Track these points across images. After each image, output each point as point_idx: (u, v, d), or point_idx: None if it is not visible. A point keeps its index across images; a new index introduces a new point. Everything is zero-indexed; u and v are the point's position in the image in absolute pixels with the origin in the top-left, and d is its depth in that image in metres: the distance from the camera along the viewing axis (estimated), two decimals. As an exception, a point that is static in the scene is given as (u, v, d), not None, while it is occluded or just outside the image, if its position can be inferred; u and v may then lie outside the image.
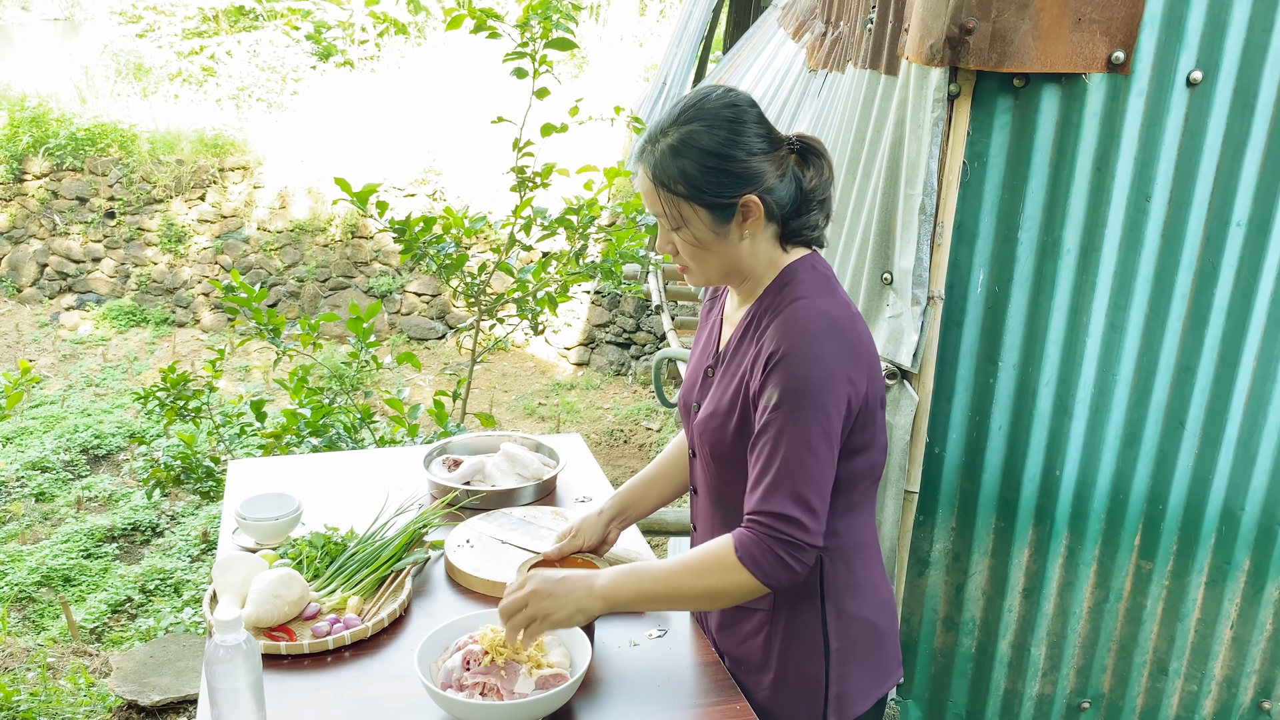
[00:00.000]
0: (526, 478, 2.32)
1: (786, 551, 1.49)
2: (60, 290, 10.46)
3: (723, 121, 1.54)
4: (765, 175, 1.56)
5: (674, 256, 1.65)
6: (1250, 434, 2.28)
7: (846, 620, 1.67)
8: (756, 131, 1.56)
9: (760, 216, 1.57)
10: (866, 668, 1.70)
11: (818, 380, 1.50)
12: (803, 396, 1.49)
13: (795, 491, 1.49)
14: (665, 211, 1.58)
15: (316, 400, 3.78)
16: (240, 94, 12.00)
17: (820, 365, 1.50)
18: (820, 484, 1.51)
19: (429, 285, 9.87)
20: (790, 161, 1.60)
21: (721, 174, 1.53)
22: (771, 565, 1.50)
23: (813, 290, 1.59)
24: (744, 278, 1.65)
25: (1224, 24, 2.00)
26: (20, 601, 5.71)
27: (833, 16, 3.33)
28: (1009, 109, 2.06)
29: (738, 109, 1.57)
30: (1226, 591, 2.40)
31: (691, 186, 1.54)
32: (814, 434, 1.49)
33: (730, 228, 1.57)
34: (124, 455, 7.64)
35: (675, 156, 1.54)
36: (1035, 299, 2.18)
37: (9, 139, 10.36)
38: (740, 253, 1.60)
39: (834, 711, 1.67)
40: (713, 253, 1.60)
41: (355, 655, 1.74)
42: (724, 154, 1.53)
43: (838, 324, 1.55)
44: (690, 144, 1.54)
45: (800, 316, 1.54)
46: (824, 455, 1.51)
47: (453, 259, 3.85)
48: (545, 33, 3.64)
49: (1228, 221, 2.13)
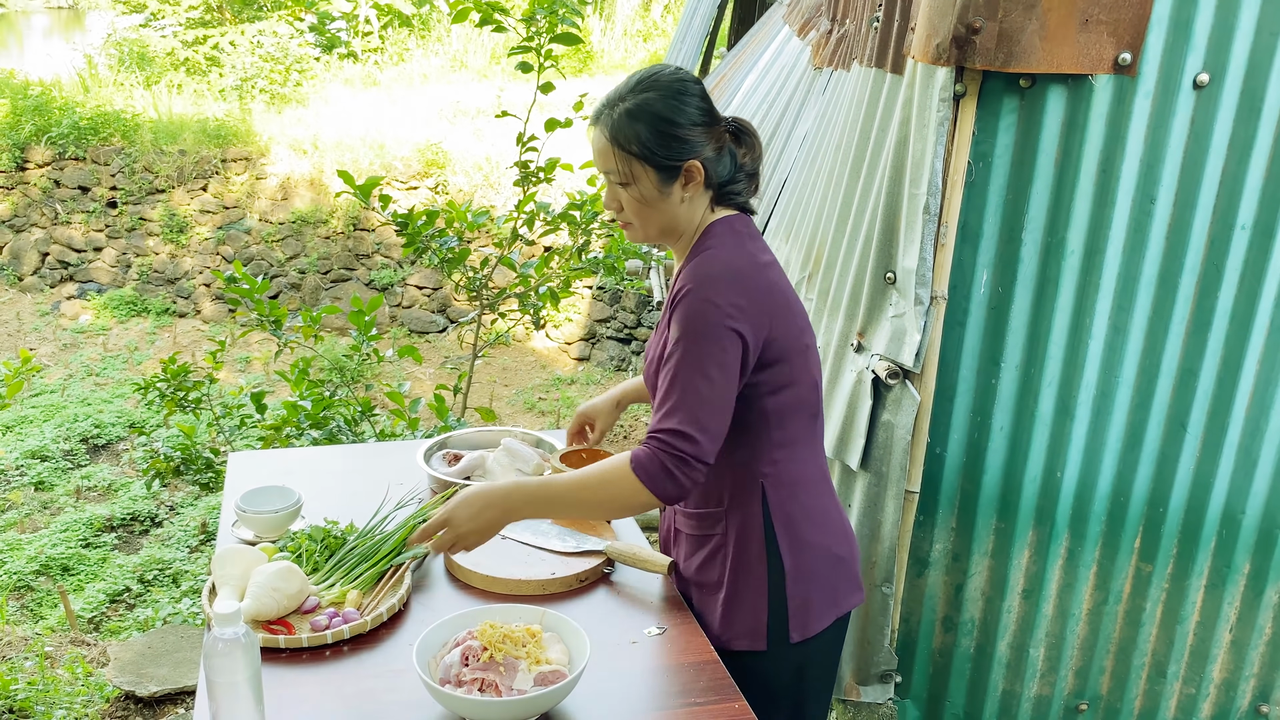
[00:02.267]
0: (527, 473, 2.31)
1: (675, 465, 1.65)
2: (61, 279, 10.45)
3: (674, 93, 1.73)
4: (706, 145, 1.75)
5: (618, 213, 1.82)
6: (1252, 438, 2.28)
7: (800, 546, 1.81)
8: (700, 106, 1.75)
9: (700, 181, 1.75)
10: (823, 589, 1.84)
11: (710, 316, 1.67)
12: (697, 329, 1.67)
13: (688, 412, 1.66)
14: (618, 169, 1.75)
15: (317, 393, 3.78)
16: (244, 85, 11.99)
17: (712, 304, 1.67)
18: (712, 407, 1.67)
19: (431, 278, 9.87)
20: (726, 138, 1.79)
21: (670, 138, 1.71)
22: (660, 476, 1.66)
23: (722, 243, 1.77)
24: (678, 236, 1.82)
25: (1232, 27, 2.00)
26: (19, 590, 5.71)
27: (839, 14, 3.32)
28: (1014, 109, 2.06)
29: (685, 84, 1.75)
30: (1226, 595, 2.40)
31: (644, 147, 1.72)
32: (707, 363, 1.66)
33: (673, 189, 1.75)
34: (124, 445, 7.64)
35: (631, 120, 1.72)
36: (1038, 300, 2.17)
37: (11, 127, 10.34)
38: (679, 213, 1.78)
39: (795, 628, 1.82)
40: (655, 210, 1.77)
41: (354, 649, 1.74)
42: (673, 120, 1.72)
43: (736, 271, 1.72)
44: (645, 109, 1.72)
45: (704, 262, 1.72)
46: (718, 381, 1.67)
47: (455, 253, 3.84)
48: (550, 27, 3.64)
49: (1232, 225, 2.12)
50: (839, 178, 2.55)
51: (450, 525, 1.74)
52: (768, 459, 1.78)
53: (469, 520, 1.73)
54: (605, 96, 1.79)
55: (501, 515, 1.74)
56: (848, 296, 2.41)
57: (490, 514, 1.74)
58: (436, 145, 10.12)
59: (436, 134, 10.40)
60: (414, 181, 10.05)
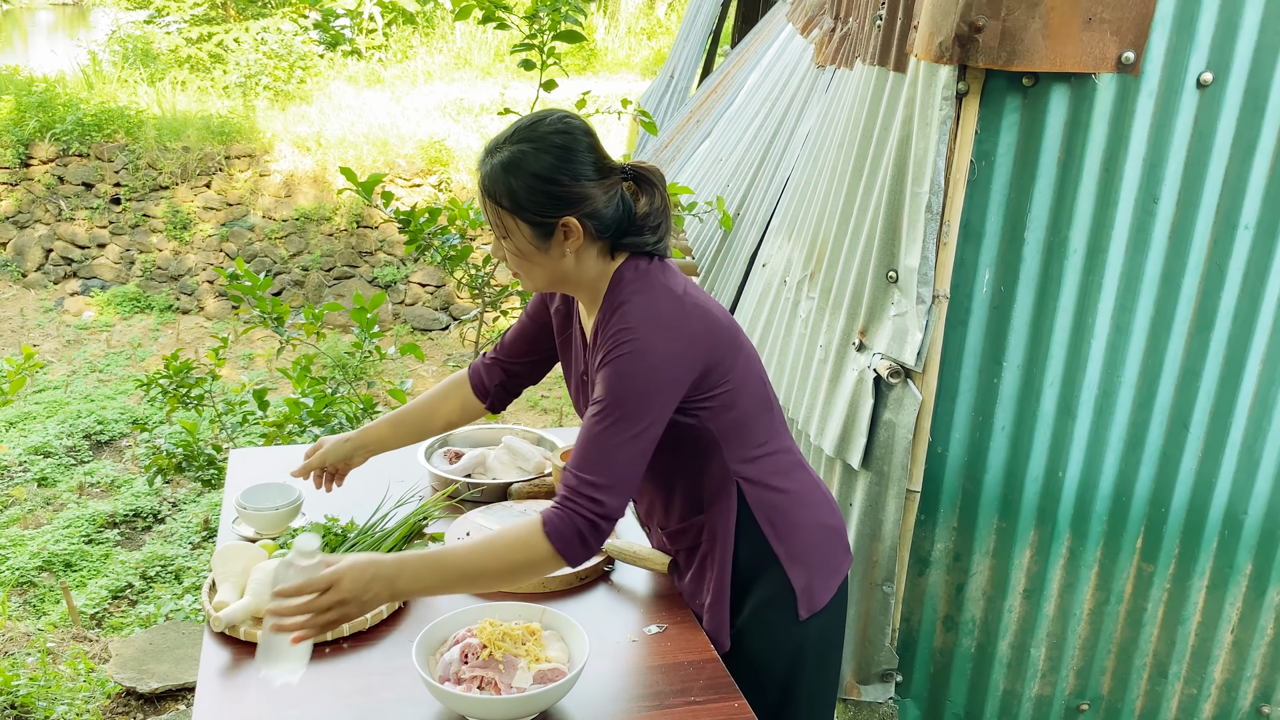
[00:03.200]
0: (528, 471, 2.31)
1: (588, 529, 1.60)
2: (65, 276, 10.47)
3: (551, 147, 1.63)
4: (590, 200, 1.65)
5: (503, 262, 1.75)
6: (1254, 438, 2.27)
7: (789, 529, 1.81)
8: (586, 159, 1.65)
9: (579, 237, 1.66)
10: (821, 560, 1.84)
11: (638, 382, 1.61)
12: (621, 393, 1.61)
13: (605, 474, 1.61)
14: (491, 220, 1.68)
15: (319, 390, 3.78)
16: (248, 81, 11.99)
17: (643, 364, 1.61)
18: (630, 471, 1.62)
19: (433, 276, 9.87)
20: (620, 188, 1.70)
21: (544, 195, 1.62)
22: (573, 541, 1.60)
23: (631, 292, 1.69)
24: (575, 288, 1.76)
25: (1235, 25, 1.99)
26: (21, 586, 5.72)
27: (842, 12, 3.31)
28: (1017, 108, 2.05)
29: (569, 136, 1.65)
30: (1228, 595, 2.39)
31: (514, 202, 1.63)
32: (630, 429, 1.61)
33: (551, 244, 1.67)
34: (126, 441, 7.65)
35: (505, 173, 1.63)
36: (1041, 299, 2.17)
37: (16, 123, 10.36)
38: (564, 267, 1.70)
39: (803, 606, 1.81)
40: (536, 265, 1.70)
41: (353, 647, 1.74)
42: (549, 178, 1.62)
43: (661, 319, 1.65)
44: (518, 164, 1.63)
45: (617, 322, 1.65)
46: (639, 448, 1.62)
47: (457, 250, 3.84)
48: (553, 25, 3.63)
49: (1236, 224, 2.12)
50: (841, 176, 2.54)
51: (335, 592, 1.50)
52: (737, 459, 1.77)
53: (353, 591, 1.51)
54: (490, 140, 1.70)
55: (386, 590, 1.54)
56: (849, 295, 2.40)
57: (376, 587, 1.53)
58: (440, 142, 10.13)
59: (440, 131, 10.41)
60: (417, 179, 10.05)
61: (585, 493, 1.60)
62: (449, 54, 14.27)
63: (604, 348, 1.66)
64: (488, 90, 12.54)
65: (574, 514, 1.60)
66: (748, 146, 4.29)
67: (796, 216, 3.00)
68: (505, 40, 13.52)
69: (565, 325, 1.95)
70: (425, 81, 13.37)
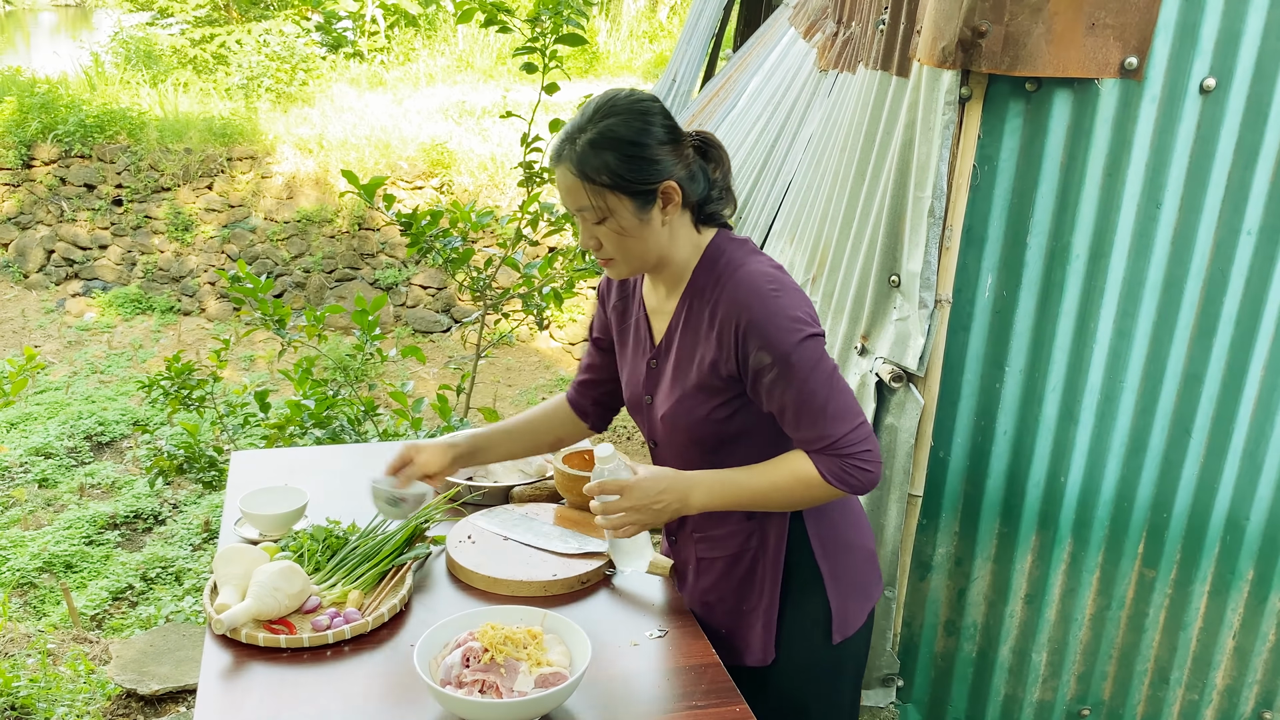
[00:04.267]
0: (529, 474, 2.31)
1: (860, 460, 1.66)
2: (67, 277, 10.47)
3: (635, 114, 1.66)
4: (676, 164, 1.68)
5: (597, 251, 1.74)
6: (1257, 444, 2.27)
7: (837, 547, 1.81)
8: (663, 124, 1.68)
9: (678, 202, 1.69)
10: (858, 586, 1.85)
11: (787, 328, 1.63)
12: (784, 345, 1.63)
13: (835, 414, 1.65)
14: (590, 204, 1.67)
15: (320, 392, 3.78)
16: (250, 83, 12.00)
17: (781, 315, 1.64)
18: (844, 397, 1.67)
19: (435, 278, 9.87)
20: (692, 155, 1.72)
21: (641, 161, 1.64)
22: (856, 476, 1.67)
23: (744, 258, 1.72)
24: (667, 264, 1.76)
25: (1238, 31, 1.99)
26: (22, 587, 5.72)
27: (844, 17, 3.32)
28: (1020, 113, 2.05)
29: (645, 104, 1.68)
30: (1229, 601, 2.39)
31: (615, 176, 1.64)
32: (811, 366, 1.64)
33: (652, 214, 1.68)
34: (127, 443, 7.65)
35: (596, 149, 1.64)
36: (1043, 304, 2.17)
37: (18, 124, 10.36)
38: (662, 238, 1.71)
39: (837, 630, 1.81)
40: (637, 239, 1.69)
41: (355, 650, 1.74)
42: (640, 143, 1.65)
43: (775, 278, 1.68)
44: (609, 136, 1.64)
45: (745, 282, 1.67)
46: (831, 372, 1.66)
47: (459, 253, 3.85)
48: (555, 28, 3.64)
49: (1238, 230, 2.12)
50: (844, 180, 2.54)
51: (626, 498, 1.70)
52: None
53: (642, 500, 1.70)
54: (563, 131, 1.71)
55: (678, 501, 1.71)
56: (852, 299, 2.40)
57: (667, 498, 1.70)
58: (442, 145, 10.12)
59: (442, 134, 10.41)
60: (419, 181, 10.05)
61: (829, 435, 1.64)
62: (451, 57, 14.27)
63: (734, 314, 1.66)
64: (490, 93, 12.55)
65: (840, 457, 1.65)
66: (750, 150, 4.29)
67: (799, 221, 3.00)
68: (507, 43, 13.53)
69: (624, 317, 1.93)
70: (427, 84, 13.38)
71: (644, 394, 1.86)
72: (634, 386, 1.89)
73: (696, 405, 1.74)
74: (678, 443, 1.82)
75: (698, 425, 1.76)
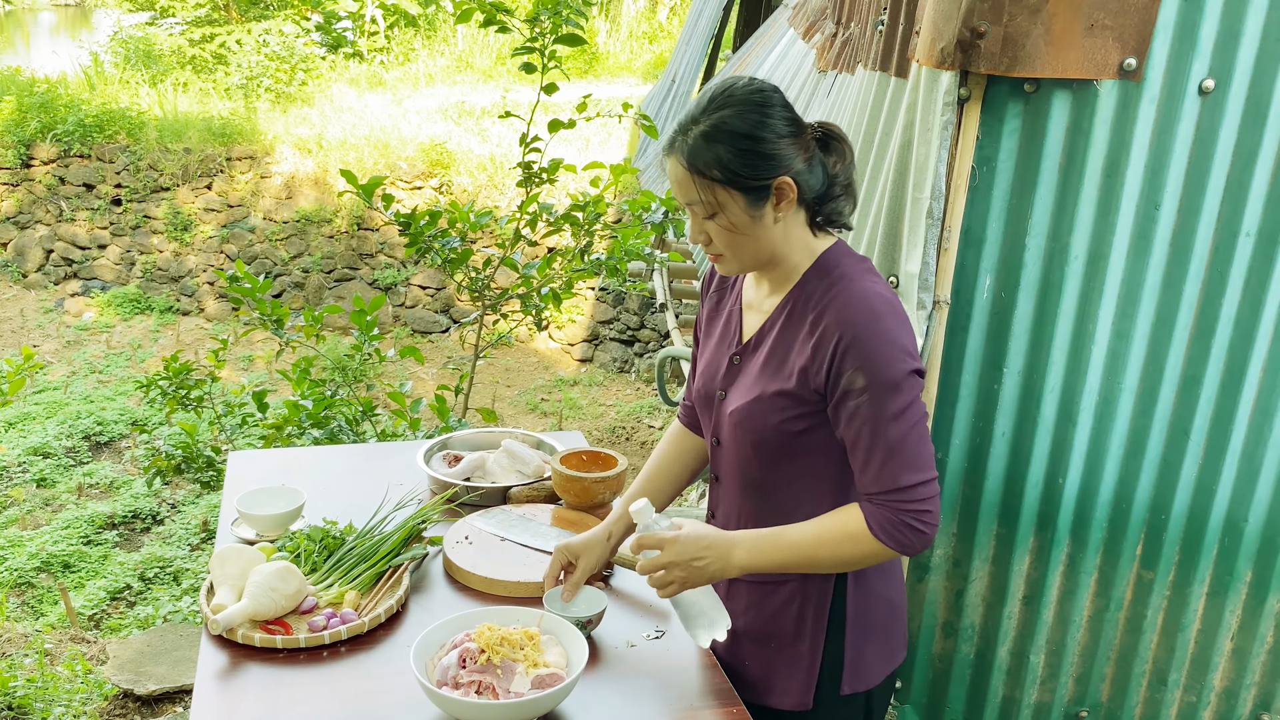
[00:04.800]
0: (527, 475, 2.31)
1: (915, 519, 1.57)
2: (66, 276, 10.47)
3: (752, 106, 1.58)
4: (795, 158, 1.59)
5: (706, 246, 1.67)
6: (1255, 446, 2.27)
7: (865, 595, 1.74)
8: (783, 115, 1.59)
9: (793, 199, 1.60)
10: (880, 642, 1.77)
11: (892, 356, 1.56)
12: (886, 379, 1.55)
13: (908, 462, 1.56)
14: (700, 198, 1.60)
15: (319, 392, 3.77)
16: (249, 83, 12.00)
17: (889, 342, 1.56)
18: (924, 447, 1.58)
19: (434, 278, 9.87)
20: (814, 148, 1.63)
21: (755, 156, 1.56)
22: (904, 534, 1.57)
23: (861, 275, 1.64)
24: (777, 264, 1.68)
25: (1237, 32, 1.99)
26: (20, 587, 5.72)
27: (843, 18, 3.31)
28: (1019, 114, 2.05)
29: (764, 94, 1.60)
30: (1228, 603, 2.39)
31: (726, 170, 1.56)
32: (907, 410, 1.56)
33: (765, 211, 1.60)
34: (126, 443, 7.65)
35: (709, 142, 1.57)
36: (1042, 305, 2.16)
37: (17, 124, 10.36)
38: (774, 237, 1.63)
39: (848, 681, 1.74)
40: (748, 237, 1.62)
41: (351, 651, 1.73)
42: (756, 136, 1.56)
43: (891, 303, 1.60)
44: (722, 129, 1.56)
45: (859, 298, 1.59)
46: (919, 418, 1.58)
47: (458, 253, 3.84)
48: (555, 28, 3.63)
49: (1237, 231, 2.11)
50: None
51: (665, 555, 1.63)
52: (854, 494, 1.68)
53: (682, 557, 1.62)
54: (678, 121, 1.62)
55: (720, 561, 1.62)
56: (850, 300, 2.40)
57: (709, 555, 1.62)
58: (441, 145, 10.13)
59: (441, 134, 10.42)
60: (419, 181, 10.05)
61: (896, 485, 1.56)
62: (450, 57, 14.28)
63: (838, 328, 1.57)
64: (489, 93, 12.56)
65: (898, 510, 1.57)
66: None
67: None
68: (507, 43, 13.53)
69: (718, 308, 1.86)
70: (427, 84, 13.39)
71: (719, 389, 1.78)
72: (709, 379, 1.82)
73: (771, 411, 1.66)
74: (741, 445, 1.73)
75: (768, 431, 1.67)
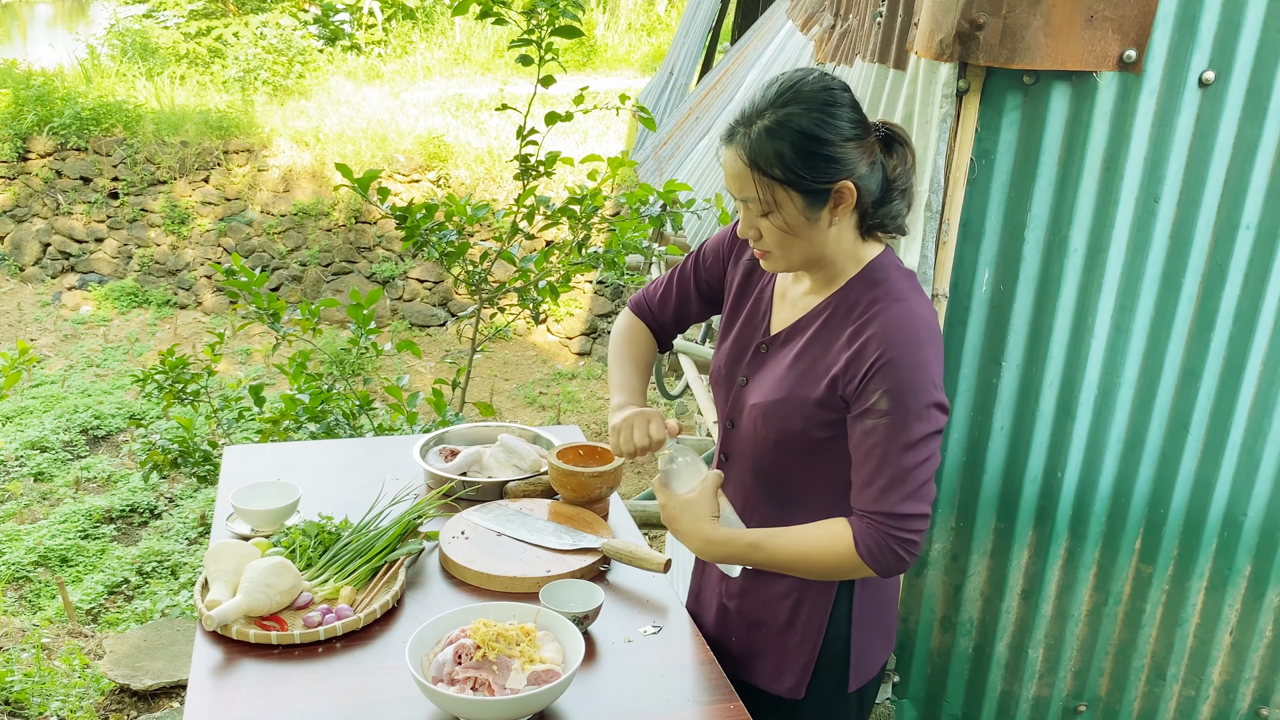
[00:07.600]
0: (524, 469, 2.30)
1: (902, 546, 1.56)
2: (62, 270, 10.45)
3: (819, 105, 1.52)
4: (859, 162, 1.55)
5: (755, 241, 1.63)
6: (1254, 439, 2.26)
7: (869, 593, 1.75)
8: (850, 117, 1.54)
9: (851, 203, 1.56)
10: (878, 633, 1.80)
11: (922, 386, 1.54)
12: (909, 406, 1.53)
13: (912, 492, 1.55)
14: (758, 196, 1.55)
15: (315, 386, 3.76)
16: (246, 76, 11.97)
17: (924, 372, 1.54)
18: (929, 483, 1.58)
19: (432, 272, 9.86)
20: (877, 150, 1.59)
21: (819, 158, 1.51)
22: (887, 559, 1.57)
23: (909, 293, 1.60)
24: (824, 266, 1.64)
25: (1238, 24, 1.98)
26: (17, 581, 5.71)
27: (842, 9, 3.30)
28: (1018, 106, 2.04)
29: (833, 93, 1.54)
30: (1227, 597, 2.39)
31: (789, 170, 1.51)
32: (921, 440, 1.55)
33: (822, 214, 1.56)
34: (123, 437, 7.64)
35: (772, 139, 1.51)
36: (1041, 299, 2.15)
37: (14, 117, 10.34)
38: (827, 239, 1.59)
39: (854, 676, 1.77)
40: (800, 239, 1.58)
41: (346, 646, 1.73)
42: (821, 137, 1.51)
43: (934, 330, 1.59)
44: (787, 126, 1.51)
45: (904, 320, 1.56)
46: (930, 455, 1.57)
47: (454, 246, 3.83)
48: (551, 20, 3.62)
49: (1237, 225, 2.10)
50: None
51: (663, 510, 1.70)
52: None
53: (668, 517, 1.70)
54: (740, 111, 1.57)
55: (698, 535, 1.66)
56: (848, 294, 2.39)
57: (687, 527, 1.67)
58: (439, 138, 10.11)
59: (439, 127, 10.40)
60: (416, 174, 10.04)
61: (888, 509, 1.55)
62: (448, 49, 14.25)
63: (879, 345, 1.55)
64: (487, 86, 12.53)
65: (885, 534, 1.56)
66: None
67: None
68: (504, 36, 13.50)
69: (746, 284, 1.82)
70: (424, 77, 13.36)
71: (741, 375, 1.76)
72: (731, 360, 1.78)
73: (797, 415, 1.65)
74: (762, 439, 1.71)
75: (790, 430, 1.66)
